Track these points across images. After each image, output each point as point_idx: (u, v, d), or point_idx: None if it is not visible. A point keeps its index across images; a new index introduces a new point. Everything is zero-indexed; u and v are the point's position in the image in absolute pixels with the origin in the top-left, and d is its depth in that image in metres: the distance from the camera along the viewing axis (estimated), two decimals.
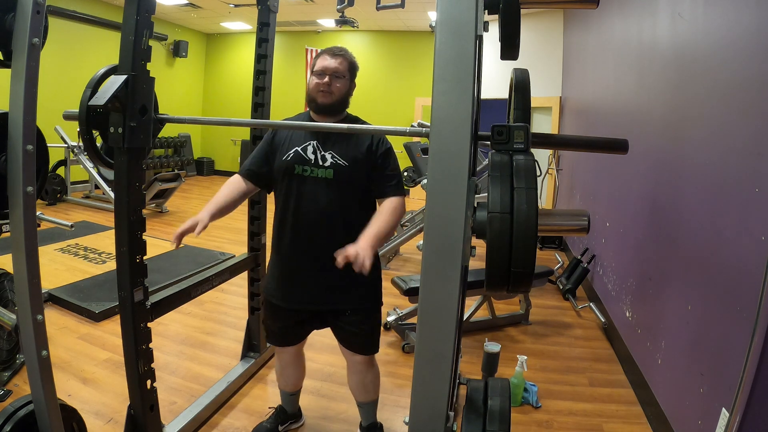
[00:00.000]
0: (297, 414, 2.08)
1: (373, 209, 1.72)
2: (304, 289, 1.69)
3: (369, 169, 1.63)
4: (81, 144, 6.06)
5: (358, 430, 2.00)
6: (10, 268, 1.59)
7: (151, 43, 1.48)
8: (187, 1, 7.26)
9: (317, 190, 1.62)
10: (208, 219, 1.60)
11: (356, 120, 1.71)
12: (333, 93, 1.63)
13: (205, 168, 9.75)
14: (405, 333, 2.91)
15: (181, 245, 1.63)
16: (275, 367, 1.99)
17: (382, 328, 3.05)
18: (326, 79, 1.61)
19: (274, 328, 1.84)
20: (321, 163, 1.61)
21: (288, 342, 1.87)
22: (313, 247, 1.64)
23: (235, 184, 1.73)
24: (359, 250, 1.37)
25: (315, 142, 1.64)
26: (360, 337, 1.75)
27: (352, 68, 1.68)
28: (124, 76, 1.42)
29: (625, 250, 3.04)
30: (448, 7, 0.93)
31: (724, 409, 1.53)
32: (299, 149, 1.64)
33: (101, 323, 2.93)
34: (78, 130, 2.87)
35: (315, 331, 1.84)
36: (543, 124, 6.60)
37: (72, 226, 2.50)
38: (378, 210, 1.65)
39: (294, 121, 1.69)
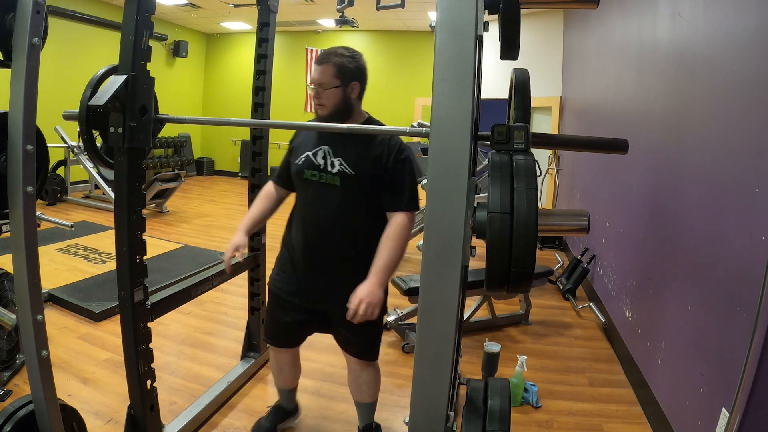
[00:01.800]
0: (294, 410, 2.08)
1: (384, 218, 1.64)
2: (310, 287, 1.69)
3: (377, 178, 1.57)
4: (81, 144, 6.06)
5: None
6: (10, 268, 1.59)
7: (151, 43, 1.48)
8: (187, 1, 7.25)
9: (324, 195, 1.61)
10: (245, 239, 1.70)
11: (376, 123, 1.68)
12: (324, 105, 1.58)
13: (205, 168, 9.75)
14: (405, 333, 2.91)
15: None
16: (272, 366, 1.98)
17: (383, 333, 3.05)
18: (313, 92, 1.60)
19: (277, 323, 1.82)
20: (329, 168, 1.59)
21: (287, 343, 1.86)
22: (318, 251, 1.65)
23: (268, 193, 1.81)
24: (366, 298, 1.47)
25: (327, 147, 1.61)
26: (359, 342, 1.74)
27: (341, 72, 1.56)
28: (124, 76, 1.42)
29: (625, 250, 3.04)
30: (448, 7, 0.93)
31: (724, 409, 1.53)
32: (310, 154, 1.63)
33: (101, 323, 2.93)
34: (78, 130, 2.88)
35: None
36: (543, 124, 6.59)
37: (72, 226, 2.51)
38: (384, 235, 1.56)
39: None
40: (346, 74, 1.57)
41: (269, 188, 1.83)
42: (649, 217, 2.60)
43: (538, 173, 1.02)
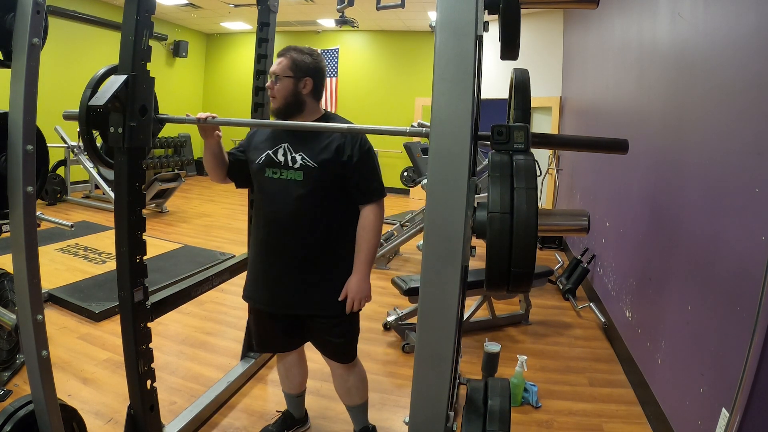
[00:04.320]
0: (304, 419, 2.07)
1: (348, 210, 1.66)
2: (280, 291, 1.66)
3: (340, 170, 1.58)
4: (81, 144, 6.06)
5: None
6: (10, 268, 1.59)
7: (151, 43, 1.48)
8: (187, 1, 7.26)
9: (287, 192, 1.59)
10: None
11: (332, 118, 1.69)
12: (276, 97, 1.60)
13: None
14: (405, 333, 2.91)
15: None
16: (278, 370, 1.97)
17: (382, 327, 3.05)
18: (268, 83, 1.61)
19: (261, 335, 1.83)
20: (291, 164, 1.59)
21: (279, 349, 1.86)
22: (284, 249, 1.63)
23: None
24: (358, 295, 1.60)
25: (286, 144, 1.61)
26: (335, 345, 1.73)
27: (295, 66, 1.59)
28: (124, 76, 1.42)
29: (625, 250, 3.04)
30: (448, 7, 0.93)
31: (724, 409, 1.53)
32: (270, 152, 1.62)
33: (101, 323, 2.93)
34: (78, 130, 2.88)
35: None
36: (543, 124, 6.60)
37: (72, 226, 2.51)
38: (360, 227, 1.62)
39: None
40: (299, 68, 1.60)
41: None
42: (649, 217, 2.60)
43: (538, 173, 1.02)
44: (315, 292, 1.65)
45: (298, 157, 1.58)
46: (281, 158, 1.60)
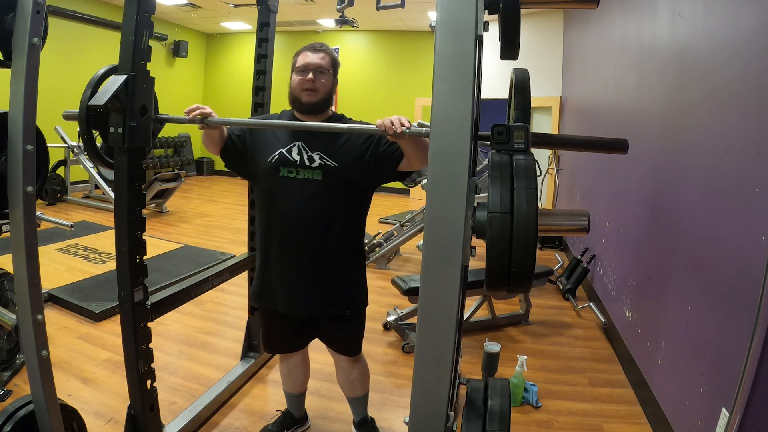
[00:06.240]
0: (303, 418, 2.07)
1: (365, 209, 1.69)
2: (296, 294, 1.64)
3: (362, 163, 1.56)
4: (81, 144, 6.06)
5: (353, 429, 2.00)
6: (10, 268, 1.59)
7: (151, 43, 1.48)
8: (187, 1, 7.26)
9: (305, 192, 1.56)
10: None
11: (341, 118, 1.67)
12: (318, 90, 1.58)
13: (205, 168, 9.75)
14: (405, 333, 2.91)
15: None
16: (280, 370, 1.96)
17: (382, 327, 3.06)
18: (310, 75, 1.56)
19: (272, 336, 1.81)
20: (308, 163, 1.56)
21: (289, 349, 1.86)
22: (301, 249, 1.60)
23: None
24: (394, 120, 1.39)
25: (300, 143, 1.58)
26: (346, 341, 1.76)
27: (334, 64, 1.63)
28: (124, 76, 1.42)
29: (625, 250, 3.04)
30: (448, 7, 0.93)
31: (724, 409, 1.53)
32: (284, 151, 1.58)
33: (101, 323, 2.93)
34: (78, 130, 2.88)
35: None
36: (543, 124, 6.60)
37: (72, 226, 2.51)
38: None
39: (277, 119, 1.68)
40: (335, 67, 1.65)
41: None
42: (650, 217, 2.60)
43: (538, 173, 1.02)
44: (331, 292, 1.64)
45: (316, 157, 1.56)
46: (296, 157, 1.57)
